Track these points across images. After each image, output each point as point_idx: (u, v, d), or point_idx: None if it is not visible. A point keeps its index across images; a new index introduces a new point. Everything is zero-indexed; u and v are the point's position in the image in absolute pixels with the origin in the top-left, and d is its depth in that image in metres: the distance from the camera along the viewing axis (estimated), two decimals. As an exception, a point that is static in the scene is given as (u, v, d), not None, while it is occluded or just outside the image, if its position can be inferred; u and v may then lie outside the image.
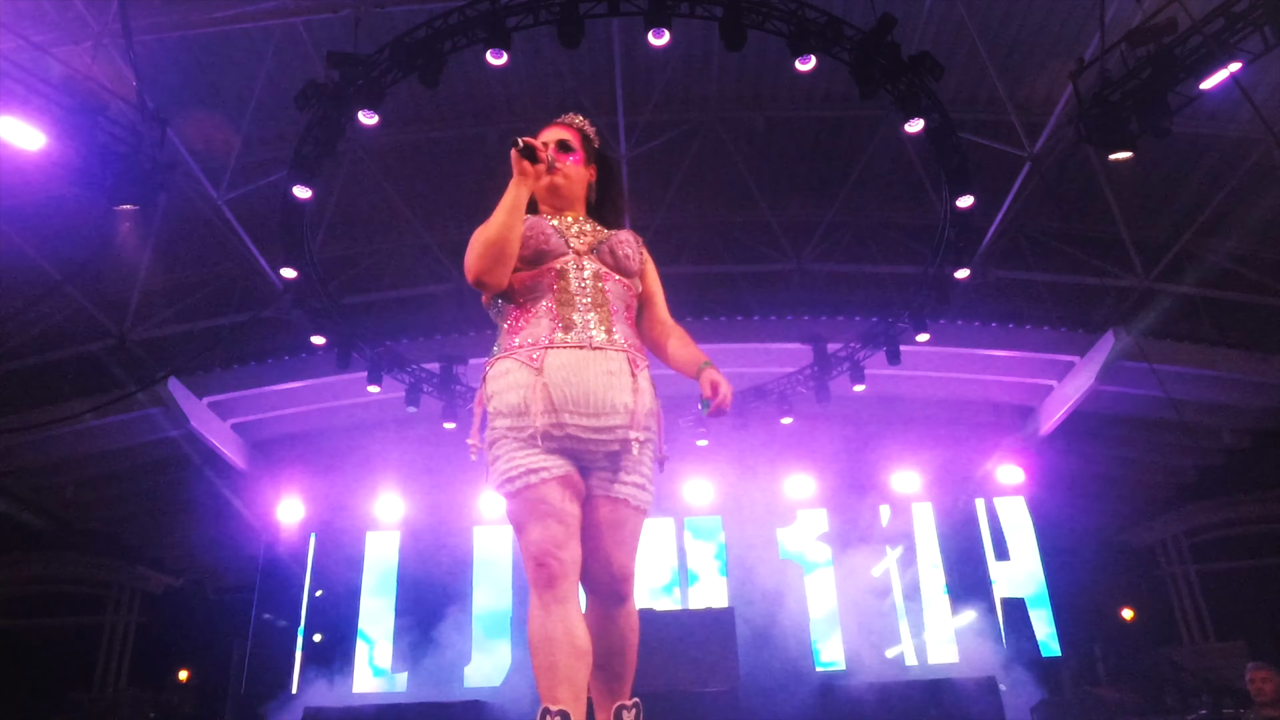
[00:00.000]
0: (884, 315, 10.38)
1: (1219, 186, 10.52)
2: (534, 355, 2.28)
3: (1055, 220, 11.70)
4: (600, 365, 2.29)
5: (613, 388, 2.28)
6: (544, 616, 2.13)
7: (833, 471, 11.94)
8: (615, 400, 2.27)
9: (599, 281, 2.41)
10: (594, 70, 9.84)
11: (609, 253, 2.46)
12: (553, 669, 2.07)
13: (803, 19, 7.06)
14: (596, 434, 2.25)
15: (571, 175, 2.55)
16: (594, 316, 2.35)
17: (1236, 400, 11.17)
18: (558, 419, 2.22)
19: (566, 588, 2.16)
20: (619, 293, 2.45)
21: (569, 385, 2.24)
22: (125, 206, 6.92)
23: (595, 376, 2.27)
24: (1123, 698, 9.88)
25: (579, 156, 2.58)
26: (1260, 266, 11.44)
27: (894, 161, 10.90)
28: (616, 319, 2.39)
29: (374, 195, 11.30)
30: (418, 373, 10.69)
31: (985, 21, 8.98)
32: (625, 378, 2.31)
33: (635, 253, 2.52)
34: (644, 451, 2.33)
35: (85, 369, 11.53)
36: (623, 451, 2.28)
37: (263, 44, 8.80)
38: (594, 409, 2.25)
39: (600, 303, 2.38)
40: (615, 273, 2.46)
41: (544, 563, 2.15)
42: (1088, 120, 6.92)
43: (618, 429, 2.26)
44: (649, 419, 2.34)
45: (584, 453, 2.26)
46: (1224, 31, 6.34)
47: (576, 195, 2.58)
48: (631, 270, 2.50)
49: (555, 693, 2.05)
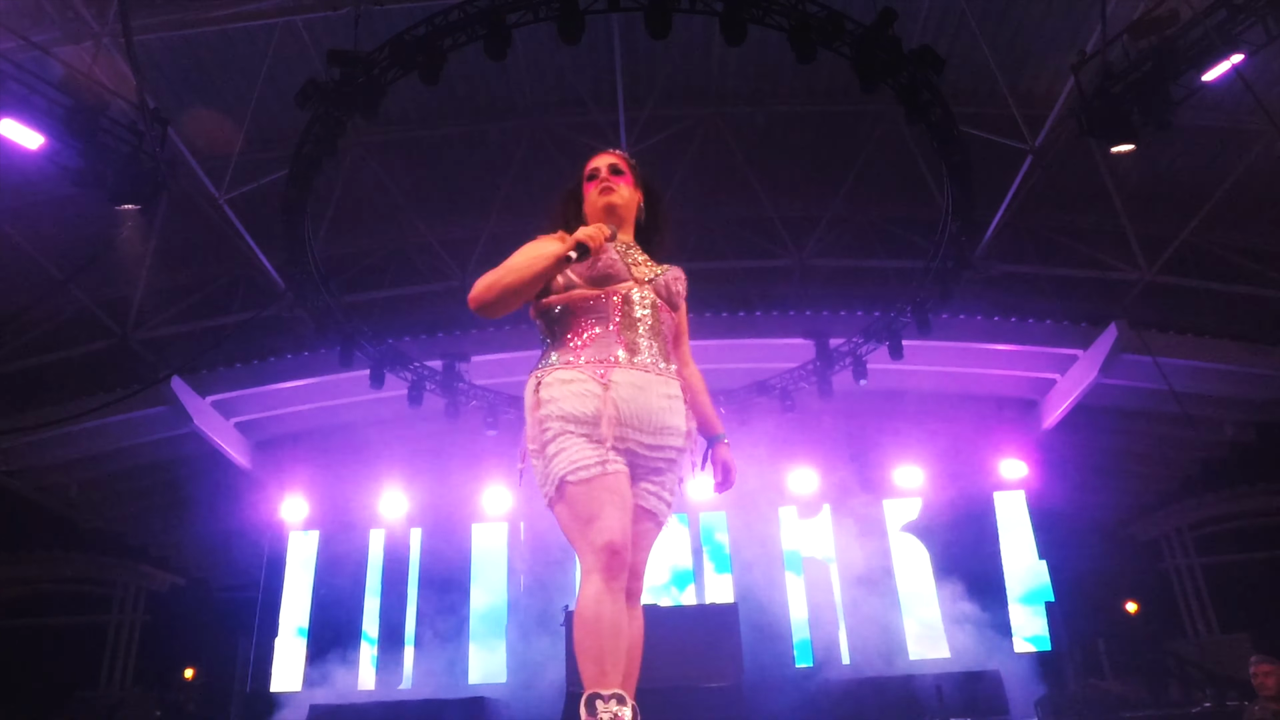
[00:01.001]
0: (886, 310, 10.37)
1: (1221, 178, 10.49)
2: (601, 372, 2.39)
3: (1057, 213, 11.68)
4: (661, 389, 2.45)
5: (672, 411, 2.46)
6: (611, 603, 2.19)
7: (835, 466, 11.93)
8: (673, 423, 2.45)
9: (657, 311, 2.56)
10: (594, 66, 9.83)
11: (664, 286, 2.61)
12: (609, 654, 2.14)
13: (803, 13, 7.05)
14: (652, 451, 2.42)
15: (626, 197, 2.69)
16: (655, 343, 2.51)
17: (1239, 392, 11.15)
18: (623, 433, 2.35)
19: (625, 580, 2.27)
20: (669, 324, 2.61)
21: (634, 403, 2.38)
22: (127, 206, 6.94)
23: (656, 399, 2.43)
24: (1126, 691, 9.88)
25: (629, 179, 2.72)
26: (1263, 258, 11.41)
27: (896, 156, 10.88)
28: (668, 347, 2.57)
29: (375, 193, 11.30)
30: (420, 370, 10.69)
31: (986, 15, 8.96)
32: (680, 403, 2.50)
33: (683, 290, 2.69)
34: (680, 467, 2.53)
35: (88, 368, 11.56)
36: (667, 469, 2.46)
37: (263, 42, 8.79)
38: (654, 428, 2.41)
39: (657, 332, 2.54)
40: (667, 305, 2.61)
41: (619, 550, 2.22)
42: (1090, 113, 6.91)
43: (670, 449, 2.44)
44: (691, 440, 2.55)
45: (635, 465, 2.39)
46: (1226, 23, 6.33)
47: (628, 217, 2.71)
48: (677, 306, 2.66)
49: (609, 678, 2.11)
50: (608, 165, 2.72)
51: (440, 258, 11.97)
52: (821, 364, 10.83)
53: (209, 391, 11.25)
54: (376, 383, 10.26)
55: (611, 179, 2.69)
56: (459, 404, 10.94)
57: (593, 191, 2.69)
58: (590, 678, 2.10)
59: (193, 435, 11.19)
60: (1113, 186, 10.55)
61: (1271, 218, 10.77)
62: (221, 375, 11.37)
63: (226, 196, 9.35)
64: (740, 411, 11.13)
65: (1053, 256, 11.86)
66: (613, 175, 2.70)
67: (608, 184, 2.68)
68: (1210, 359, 10.61)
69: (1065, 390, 11.64)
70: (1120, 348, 10.28)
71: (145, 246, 10.41)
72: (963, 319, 11.05)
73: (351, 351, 9.83)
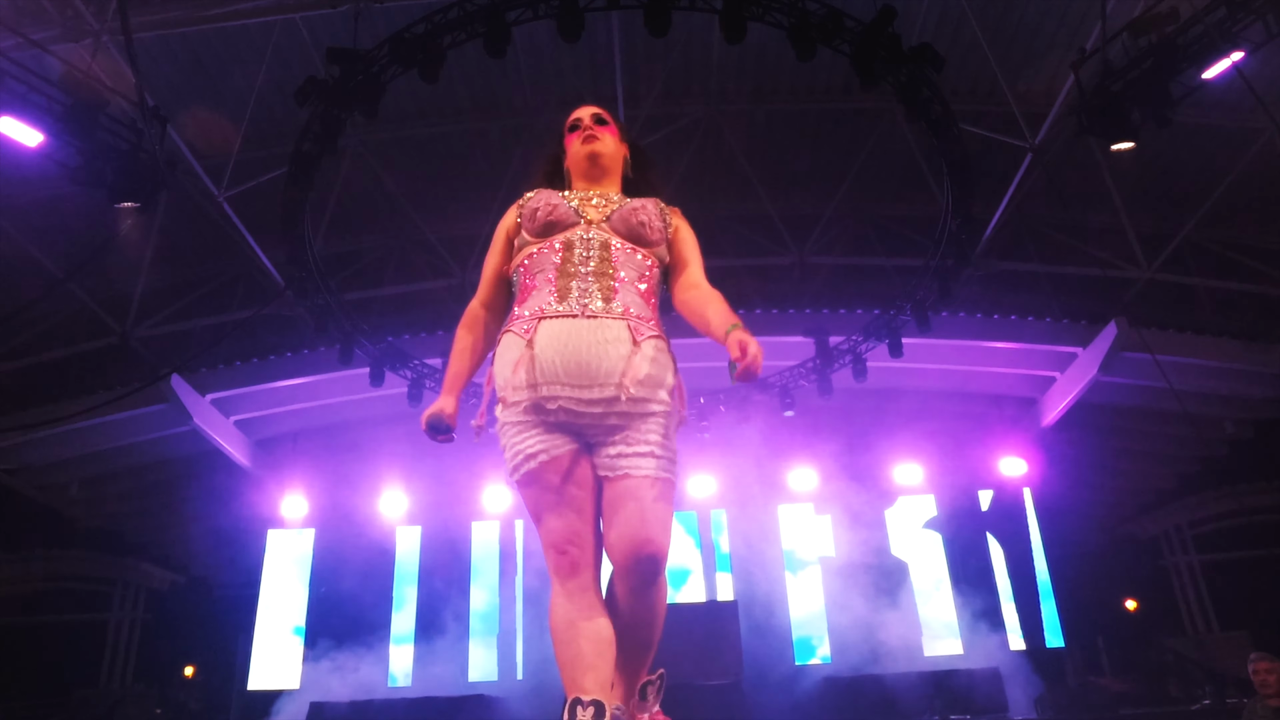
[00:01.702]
0: (886, 307, 10.37)
1: (1221, 176, 10.50)
2: (527, 327, 2.22)
3: (1057, 211, 11.68)
4: (594, 334, 2.17)
5: (606, 356, 2.15)
6: (567, 605, 2.11)
7: (835, 464, 11.93)
8: (608, 368, 2.14)
9: (606, 251, 2.31)
10: (594, 64, 9.82)
11: (622, 220, 2.36)
12: (578, 659, 2.05)
13: (803, 11, 7.05)
14: (590, 406, 2.13)
15: (611, 147, 2.51)
16: (595, 285, 2.25)
17: (1239, 390, 11.15)
18: (549, 391, 2.14)
19: (588, 575, 2.13)
20: (630, 262, 2.33)
21: (560, 355, 2.15)
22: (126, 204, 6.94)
23: (588, 346, 2.15)
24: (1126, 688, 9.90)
25: (614, 129, 2.54)
26: (1263, 256, 11.42)
27: (895, 153, 10.88)
28: (623, 288, 2.27)
29: (375, 191, 11.30)
30: (420, 369, 10.69)
31: (986, 12, 8.96)
32: (623, 346, 2.17)
33: (654, 220, 2.39)
34: (651, 420, 2.17)
35: (88, 367, 11.56)
36: (624, 424, 2.15)
37: (262, 40, 8.79)
38: (586, 379, 2.13)
39: (604, 272, 2.27)
40: (629, 242, 2.35)
41: (564, 550, 2.13)
42: (1089, 111, 6.91)
43: (612, 400, 2.13)
44: (649, 387, 2.16)
45: (585, 428, 2.16)
46: (1226, 21, 6.33)
47: (613, 168, 2.52)
48: (648, 239, 2.37)
49: (582, 682, 2.02)
50: (590, 114, 2.54)
51: (440, 255, 11.97)
52: (821, 362, 10.83)
53: (209, 389, 11.24)
54: (376, 381, 10.26)
55: (595, 128, 2.51)
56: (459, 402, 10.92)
57: (575, 142, 2.51)
58: (566, 683, 2.06)
59: (192, 433, 11.19)
60: (1113, 184, 10.56)
61: (1271, 216, 10.78)
62: (221, 373, 11.36)
63: (226, 194, 9.35)
64: (739, 409, 11.13)
65: (1052, 254, 11.86)
66: (597, 125, 2.51)
67: (591, 132, 2.50)
68: (1210, 357, 10.61)
69: (1065, 388, 11.64)
70: (1120, 346, 10.27)
71: (145, 244, 10.41)
72: (962, 317, 11.06)
73: (351, 349, 9.83)
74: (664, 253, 2.42)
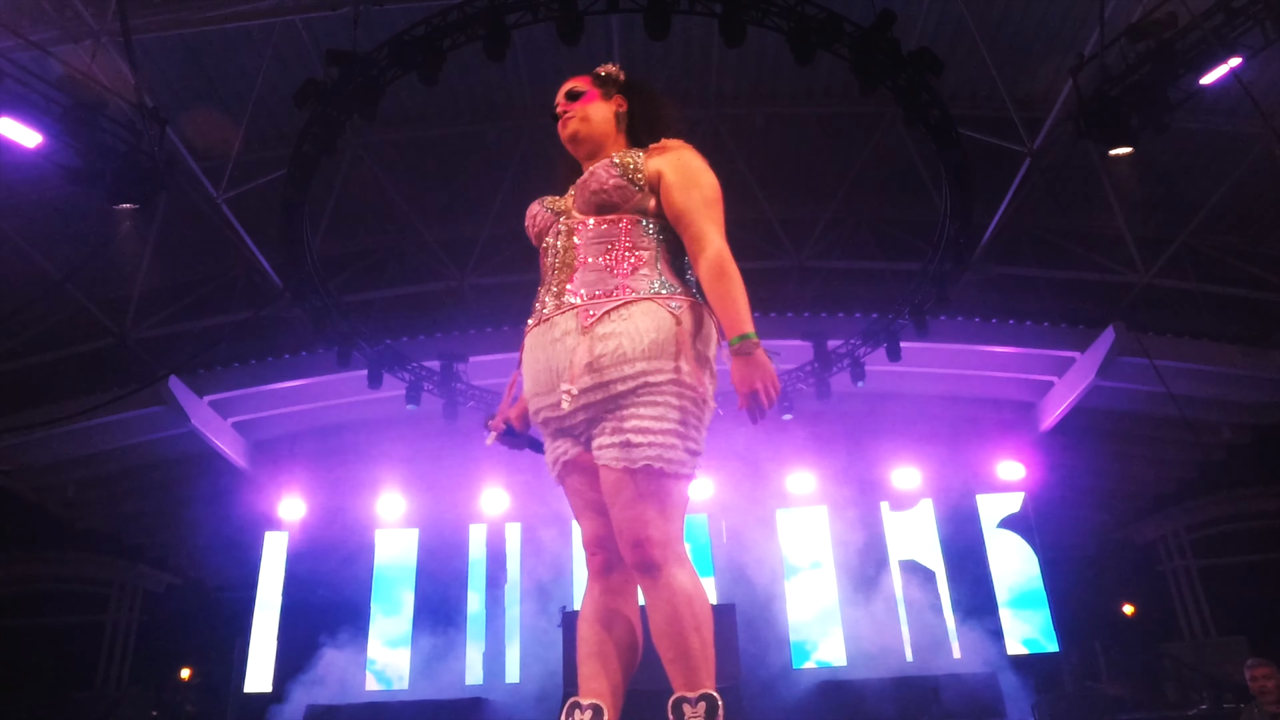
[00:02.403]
0: (884, 312, 10.38)
1: (1219, 182, 10.52)
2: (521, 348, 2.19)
3: (1055, 216, 11.69)
4: (546, 337, 2.07)
5: (555, 355, 2.03)
6: (589, 604, 2.10)
7: (833, 468, 11.93)
8: (559, 367, 2.02)
9: (570, 239, 2.14)
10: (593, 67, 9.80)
11: (580, 200, 2.17)
12: (587, 659, 2.03)
13: (802, 15, 7.05)
14: (558, 410, 2.03)
15: (590, 116, 2.31)
16: (555, 283, 2.11)
17: (1237, 395, 11.17)
18: (533, 405, 2.13)
19: (619, 579, 2.08)
20: (595, 237, 2.11)
21: (529, 369, 2.11)
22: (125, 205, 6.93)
23: (543, 349, 2.06)
24: (1123, 693, 9.89)
25: (592, 95, 2.35)
26: (1261, 261, 11.43)
27: (894, 158, 10.89)
28: (582, 272, 2.08)
29: (374, 193, 11.29)
30: (418, 371, 10.69)
31: (985, 17, 8.97)
32: (569, 338, 2.02)
33: (607, 180, 2.13)
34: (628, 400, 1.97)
35: (86, 368, 11.55)
36: (600, 415, 2.00)
37: (262, 42, 8.79)
38: (546, 385, 2.06)
39: (566, 263, 2.12)
40: (599, 215, 2.14)
41: (594, 552, 2.12)
42: (1088, 116, 6.92)
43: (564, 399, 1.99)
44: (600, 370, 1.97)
45: (572, 429, 2.07)
46: (1224, 26, 6.35)
47: (602, 133, 2.32)
48: (613, 202, 2.12)
49: (589, 684, 2.00)
50: (564, 92, 2.37)
51: (438, 258, 11.96)
52: (819, 366, 10.84)
53: (206, 391, 11.24)
54: (374, 383, 10.26)
55: (569, 106, 2.33)
56: (457, 405, 10.93)
57: (559, 128, 2.35)
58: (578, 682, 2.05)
59: (190, 435, 11.18)
60: (1111, 189, 10.57)
61: (1269, 221, 10.79)
62: (219, 375, 11.36)
63: (225, 196, 9.35)
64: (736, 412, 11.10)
65: (1051, 259, 11.87)
66: (570, 102, 2.34)
67: (564, 112, 2.33)
68: (1208, 362, 10.62)
69: (1063, 392, 11.65)
70: (1118, 350, 10.29)
71: (143, 246, 10.40)
72: (961, 321, 11.07)
73: (349, 352, 9.83)
74: (645, 201, 2.15)
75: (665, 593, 1.95)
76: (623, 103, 2.37)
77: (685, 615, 1.94)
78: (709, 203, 2.15)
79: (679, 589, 1.95)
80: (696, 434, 2.07)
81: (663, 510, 1.98)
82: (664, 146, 2.22)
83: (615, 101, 2.37)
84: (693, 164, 2.20)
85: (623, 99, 2.37)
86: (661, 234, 2.15)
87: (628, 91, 2.39)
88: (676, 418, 2.00)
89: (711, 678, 1.95)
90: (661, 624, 1.95)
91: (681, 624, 1.93)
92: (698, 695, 1.91)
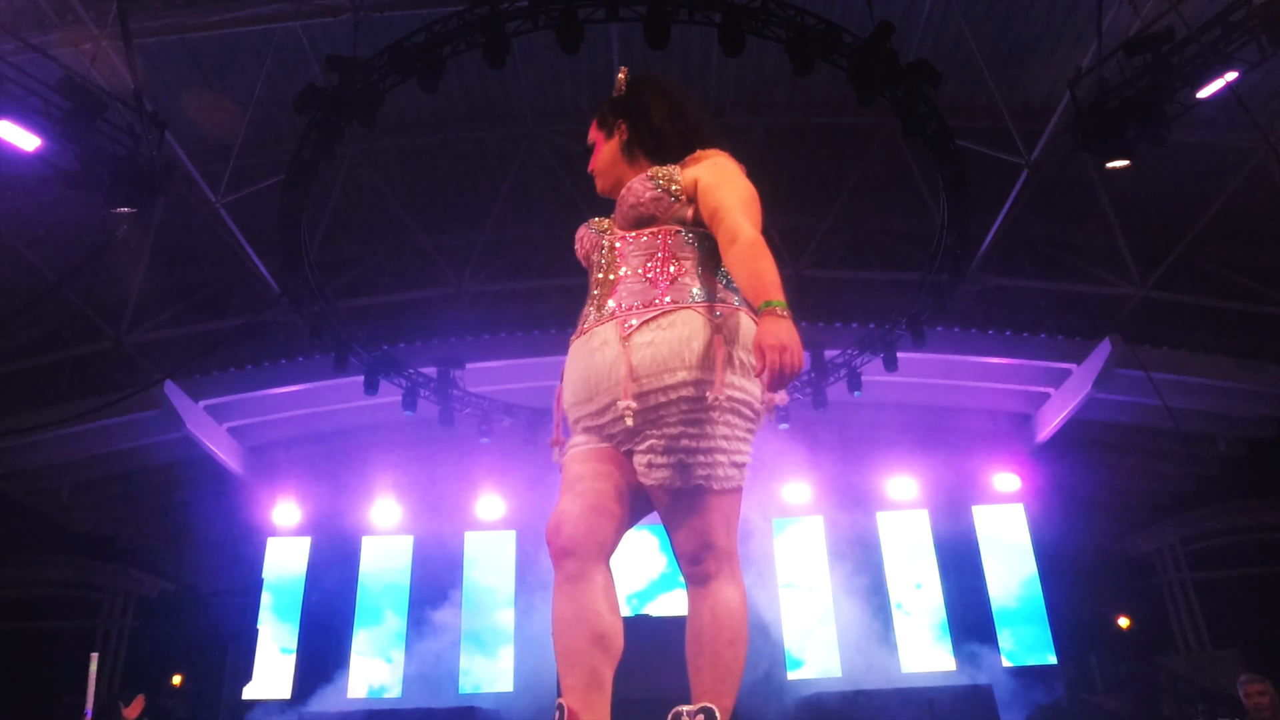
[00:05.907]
0: (881, 322, 10.39)
1: (1216, 194, 10.55)
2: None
3: (1052, 228, 11.72)
4: (586, 347, 2.09)
5: (594, 365, 2.05)
6: (556, 596, 1.99)
7: (829, 478, 11.92)
8: (597, 377, 2.04)
9: (611, 254, 2.18)
10: (593, 75, 9.85)
11: (619, 215, 2.22)
12: (564, 655, 1.94)
13: (801, 26, 7.08)
14: (598, 419, 2.06)
15: (602, 168, 2.34)
16: (598, 297, 2.15)
17: (1233, 408, 11.18)
18: (572, 414, 2.15)
19: (577, 564, 1.97)
20: (634, 250, 2.14)
21: (570, 378, 2.15)
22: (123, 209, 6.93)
23: (583, 359, 2.09)
24: (1119, 706, 9.88)
25: (598, 141, 2.37)
26: (1257, 274, 11.46)
27: (891, 168, 10.92)
28: (621, 285, 2.11)
29: (372, 199, 11.30)
30: (415, 377, 10.67)
31: (983, 29, 9.01)
32: (609, 349, 2.02)
33: (643, 194, 2.15)
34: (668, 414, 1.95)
35: (81, 371, 11.52)
36: (641, 426, 1.97)
37: (262, 48, 8.80)
38: (585, 394, 2.07)
39: (607, 279, 2.15)
40: (639, 229, 2.16)
41: (550, 538, 2.01)
42: (1085, 128, 6.95)
43: (610, 406, 2.01)
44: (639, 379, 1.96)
45: (610, 438, 2.08)
46: (1221, 40, 6.38)
47: (616, 175, 2.30)
48: (651, 214, 2.14)
49: (566, 680, 1.92)
50: (586, 147, 2.41)
51: (436, 264, 11.96)
52: (816, 376, 10.84)
53: (202, 396, 11.21)
54: (371, 389, 10.24)
55: (590, 165, 2.38)
56: (453, 411, 10.92)
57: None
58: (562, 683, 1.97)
59: (185, 440, 11.15)
60: (1108, 201, 10.60)
61: (1266, 234, 10.82)
62: (215, 380, 11.33)
63: (223, 200, 9.35)
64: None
65: (1048, 270, 11.89)
66: (591, 159, 2.38)
67: (592, 173, 2.38)
68: (1204, 375, 10.64)
69: (1059, 404, 11.66)
70: (1114, 362, 10.30)
71: (140, 250, 10.39)
72: (957, 332, 11.08)
73: (346, 357, 9.82)
74: (683, 211, 2.14)
75: (711, 601, 2.00)
76: (624, 129, 2.33)
77: (725, 627, 1.98)
78: (745, 201, 2.13)
79: (724, 601, 1.99)
80: (744, 445, 2.06)
81: (718, 526, 2.01)
82: (699, 156, 2.22)
83: (618, 131, 2.33)
84: (728, 167, 2.20)
85: (623, 123, 2.33)
86: (701, 243, 2.15)
87: (628, 110, 2.34)
88: (724, 433, 1.99)
89: (733, 694, 1.96)
90: (700, 629, 1.99)
91: (720, 635, 1.97)
92: (697, 708, 1.93)
